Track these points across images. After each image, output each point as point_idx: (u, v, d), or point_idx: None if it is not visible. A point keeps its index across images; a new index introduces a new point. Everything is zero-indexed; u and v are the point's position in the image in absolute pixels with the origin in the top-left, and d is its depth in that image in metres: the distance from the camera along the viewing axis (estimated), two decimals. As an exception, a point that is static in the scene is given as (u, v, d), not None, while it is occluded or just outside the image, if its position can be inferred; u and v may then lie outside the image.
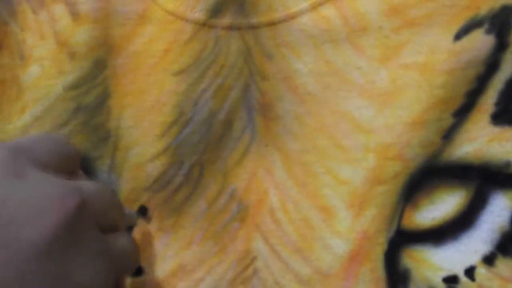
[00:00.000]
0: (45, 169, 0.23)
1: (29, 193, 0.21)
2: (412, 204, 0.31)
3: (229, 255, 0.32)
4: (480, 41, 0.29)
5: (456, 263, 0.30)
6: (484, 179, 0.30)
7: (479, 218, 0.30)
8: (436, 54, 0.30)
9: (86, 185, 0.24)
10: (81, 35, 0.33)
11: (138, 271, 0.32)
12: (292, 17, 0.31)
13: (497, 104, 0.30)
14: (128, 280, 0.32)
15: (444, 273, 0.30)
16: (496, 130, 0.30)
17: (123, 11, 0.33)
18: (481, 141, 0.30)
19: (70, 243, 0.21)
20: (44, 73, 0.32)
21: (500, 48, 0.29)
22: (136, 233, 0.32)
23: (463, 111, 0.30)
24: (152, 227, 0.32)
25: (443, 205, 0.30)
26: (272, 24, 0.31)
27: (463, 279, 0.30)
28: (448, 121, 0.30)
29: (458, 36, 0.29)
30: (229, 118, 0.32)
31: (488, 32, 0.29)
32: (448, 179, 0.31)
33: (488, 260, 0.30)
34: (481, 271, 0.30)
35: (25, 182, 0.21)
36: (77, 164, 0.26)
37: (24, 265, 0.19)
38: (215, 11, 0.32)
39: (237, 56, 0.32)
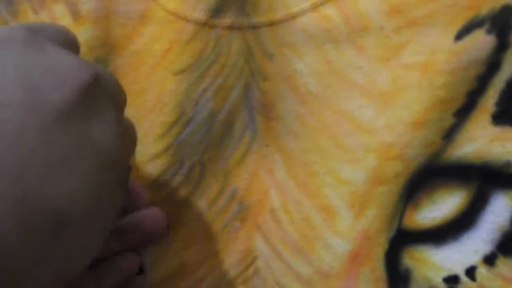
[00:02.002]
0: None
1: (51, 63, 0.22)
2: (413, 204, 0.31)
3: (230, 255, 0.32)
4: (481, 41, 0.29)
5: (457, 263, 0.30)
6: (485, 179, 0.30)
7: (480, 218, 0.30)
8: (437, 54, 0.30)
9: (98, 66, 0.26)
10: (81, 35, 0.32)
11: (139, 271, 0.32)
12: (293, 17, 0.31)
13: (497, 104, 0.30)
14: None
15: (445, 273, 0.30)
16: (497, 130, 0.30)
17: (124, 11, 0.33)
18: (482, 141, 0.30)
19: (89, 107, 0.23)
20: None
21: (500, 48, 0.29)
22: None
23: (464, 111, 0.30)
24: (153, 227, 0.32)
25: (443, 205, 0.31)
26: (273, 24, 0.31)
27: (464, 279, 0.30)
28: (449, 121, 0.30)
29: (459, 36, 0.29)
30: (230, 118, 0.32)
31: (489, 32, 0.29)
32: (449, 179, 0.31)
33: (489, 260, 0.30)
34: (482, 271, 0.30)
35: (46, 55, 0.23)
36: (79, 51, 0.27)
37: (50, 128, 0.21)
38: (216, 11, 0.32)
39: (238, 56, 0.32)
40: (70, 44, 0.26)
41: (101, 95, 0.24)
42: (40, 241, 0.20)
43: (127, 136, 0.26)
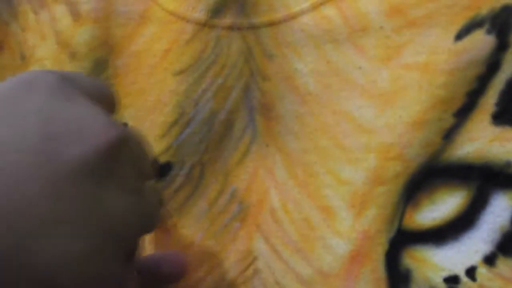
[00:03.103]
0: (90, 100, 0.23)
1: (76, 115, 0.21)
2: (413, 204, 0.31)
3: (230, 255, 0.32)
4: (481, 41, 0.29)
5: (457, 263, 0.30)
6: (485, 179, 0.30)
7: (480, 218, 0.30)
8: (437, 54, 0.30)
9: (128, 127, 0.24)
10: (82, 35, 0.33)
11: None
12: (293, 17, 0.31)
13: (497, 104, 0.30)
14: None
15: (445, 273, 0.30)
16: (497, 130, 0.30)
17: (124, 11, 0.33)
18: (482, 141, 0.30)
19: (108, 171, 0.21)
20: (45, 73, 0.32)
21: (500, 48, 0.29)
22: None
23: (464, 111, 0.30)
24: (153, 227, 0.32)
25: (444, 205, 0.30)
26: (273, 24, 0.31)
27: (464, 279, 0.30)
28: (449, 121, 0.30)
29: (459, 36, 0.29)
30: (230, 118, 0.32)
31: (489, 32, 0.29)
32: (449, 179, 0.31)
33: (489, 260, 0.30)
34: (482, 271, 0.30)
35: (72, 105, 0.21)
36: (114, 110, 0.25)
37: (62, 182, 0.19)
38: (216, 11, 0.32)
39: (238, 56, 0.32)
40: (104, 100, 0.24)
41: (124, 160, 0.22)
42: None
43: (144, 211, 0.23)
